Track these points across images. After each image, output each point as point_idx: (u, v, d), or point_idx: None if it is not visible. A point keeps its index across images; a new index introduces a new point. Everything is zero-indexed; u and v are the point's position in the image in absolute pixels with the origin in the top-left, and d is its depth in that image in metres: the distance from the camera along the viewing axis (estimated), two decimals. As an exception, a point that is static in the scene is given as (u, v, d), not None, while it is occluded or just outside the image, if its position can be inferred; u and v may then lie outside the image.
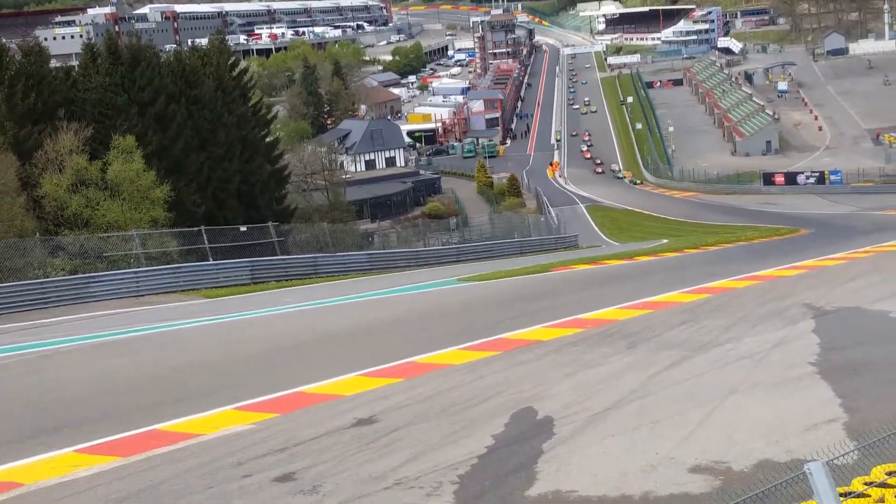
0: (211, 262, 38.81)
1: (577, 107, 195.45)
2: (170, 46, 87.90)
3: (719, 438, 12.56)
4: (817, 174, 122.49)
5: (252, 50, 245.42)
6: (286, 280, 39.88)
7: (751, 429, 12.87)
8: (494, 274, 36.18)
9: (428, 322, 25.56)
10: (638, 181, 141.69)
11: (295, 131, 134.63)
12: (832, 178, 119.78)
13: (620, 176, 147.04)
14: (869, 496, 8.61)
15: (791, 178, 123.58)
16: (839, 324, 20.46)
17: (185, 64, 59.59)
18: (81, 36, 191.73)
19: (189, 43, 75.75)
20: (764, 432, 12.65)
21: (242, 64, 73.23)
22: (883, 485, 8.74)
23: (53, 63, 56.03)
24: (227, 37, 78.93)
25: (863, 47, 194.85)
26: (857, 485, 8.91)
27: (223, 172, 57.49)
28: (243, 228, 43.27)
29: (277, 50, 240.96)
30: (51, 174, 44.96)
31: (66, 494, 12.04)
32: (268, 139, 67.58)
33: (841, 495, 6.21)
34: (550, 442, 12.91)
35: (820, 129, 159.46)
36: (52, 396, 18.33)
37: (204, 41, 74.71)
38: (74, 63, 64.08)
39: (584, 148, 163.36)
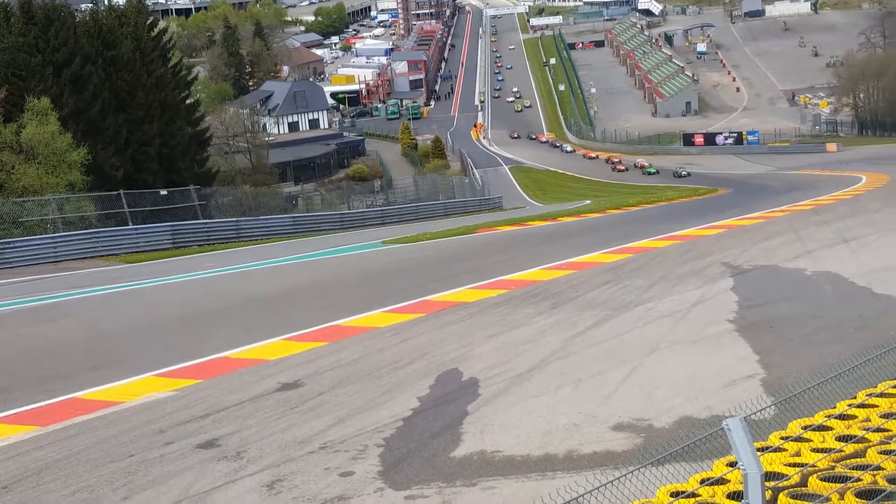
0: (131, 226, 38.30)
1: (511, 100, 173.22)
2: (85, 5, 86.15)
3: (640, 396, 12.71)
4: (735, 135, 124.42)
5: (171, 10, 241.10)
6: (208, 244, 39.51)
7: (671, 386, 13.05)
8: (419, 236, 36.17)
9: (352, 285, 25.49)
10: (623, 167, 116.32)
11: (216, 93, 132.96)
12: (750, 138, 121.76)
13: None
14: (785, 450, 8.78)
15: (710, 139, 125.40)
16: (756, 282, 20.81)
17: (101, 24, 58.35)
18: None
19: (105, 2, 74.21)
20: (684, 389, 12.84)
21: (161, 24, 71.99)
22: (799, 439, 8.92)
23: (-36, 23, 54.47)
24: (144, -4, 77.29)
25: (779, 9, 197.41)
26: (774, 439, 9.07)
27: (142, 135, 56.59)
28: (164, 192, 42.74)
29: (197, 10, 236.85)
30: (-37, 137, 43.92)
31: (-16, 464, 11.83)
32: (188, 101, 66.65)
33: (758, 450, 6.32)
34: (475, 403, 12.97)
35: (738, 90, 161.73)
36: (-32, 365, 17.98)
37: (121, 0, 73.27)
38: (-14, 23, 62.33)
39: (558, 145, 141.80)
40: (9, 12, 54.67)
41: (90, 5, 71.93)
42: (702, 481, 8.13)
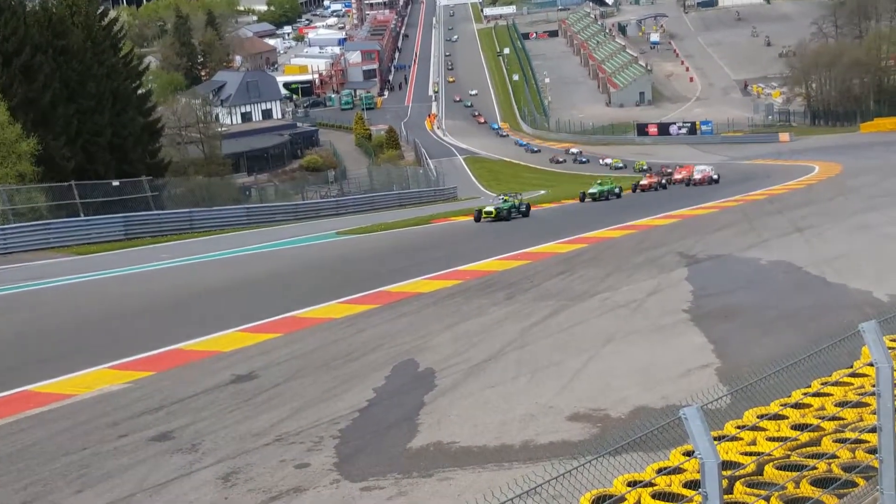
0: (82, 217, 37.92)
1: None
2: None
3: (597, 386, 12.75)
4: (689, 124, 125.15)
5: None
6: (161, 235, 39.25)
7: (627, 376, 13.10)
8: (374, 227, 36.11)
9: (307, 276, 25.38)
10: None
11: (168, 83, 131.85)
12: (703, 128, 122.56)
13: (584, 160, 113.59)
14: (741, 439, 8.83)
15: (664, 129, 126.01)
16: (711, 271, 20.95)
17: (51, 13, 57.60)
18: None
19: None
20: (640, 379, 12.89)
21: (112, 13, 71.26)
22: (755, 428, 8.97)
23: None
24: (94, -15, 76.39)
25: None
26: (729, 429, 9.12)
27: (94, 125, 55.94)
28: (116, 183, 42.33)
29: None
30: (-90, 128, 43.28)
31: (-67, 460, 11.65)
32: (140, 91, 65.96)
33: (714, 439, 6.33)
34: (431, 394, 12.95)
35: (691, 80, 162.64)
36: (-84, 359, 17.70)
37: (71, -10, 72.33)
38: (-67, 12, 61.31)
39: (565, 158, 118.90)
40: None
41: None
42: (659, 471, 8.16)
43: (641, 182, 55.99)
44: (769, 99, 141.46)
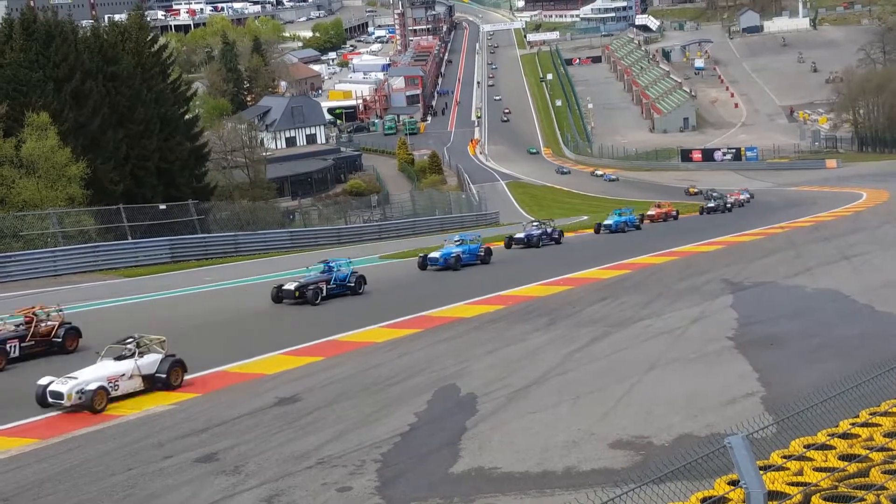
0: (130, 240, 38.26)
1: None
2: (87, 22, 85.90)
3: (639, 413, 12.69)
4: (734, 150, 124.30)
5: (170, 25, 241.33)
6: (207, 258, 39.48)
7: (670, 403, 13.03)
8: (416, 251, 36.10)
9: (350, 300, 25.41)
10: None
11: (214, 108, 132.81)
12: (748, 154, 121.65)
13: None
14: (788, 469, 8.74)
15: (708, 155, 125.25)
16: (756, 299, 20.81)
17: (102, 40, 58.36)
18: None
19: (107, 18, 73.89)
20: (683, 407, 12.82)
21: (161, 40, 71.99)
22: (801, 458, 8.87)
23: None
24: (144, 12, 77.45)
25: (777, 25, 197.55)
26: (775, 458, 9.03)
27: (142, 150, 56.56)
28: (163, 206, 42.69)
29: (196, 26, 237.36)
30: (-37, 152, 43.90)
31: (-18, 479, 11.79)
32: (187, 116, 66.59)
33: (760, 469, 6.29)
34: (473, 419, 12.95)
35: (736, 105, 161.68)
36: (-34, 379, 17.92)
37: (122, 17, 73.37)
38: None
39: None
40: (11, 28, 54.67)
41: (91, 22, 71.86)
42: (703, 500, 8.10)
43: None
44: (815, 125, 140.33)
